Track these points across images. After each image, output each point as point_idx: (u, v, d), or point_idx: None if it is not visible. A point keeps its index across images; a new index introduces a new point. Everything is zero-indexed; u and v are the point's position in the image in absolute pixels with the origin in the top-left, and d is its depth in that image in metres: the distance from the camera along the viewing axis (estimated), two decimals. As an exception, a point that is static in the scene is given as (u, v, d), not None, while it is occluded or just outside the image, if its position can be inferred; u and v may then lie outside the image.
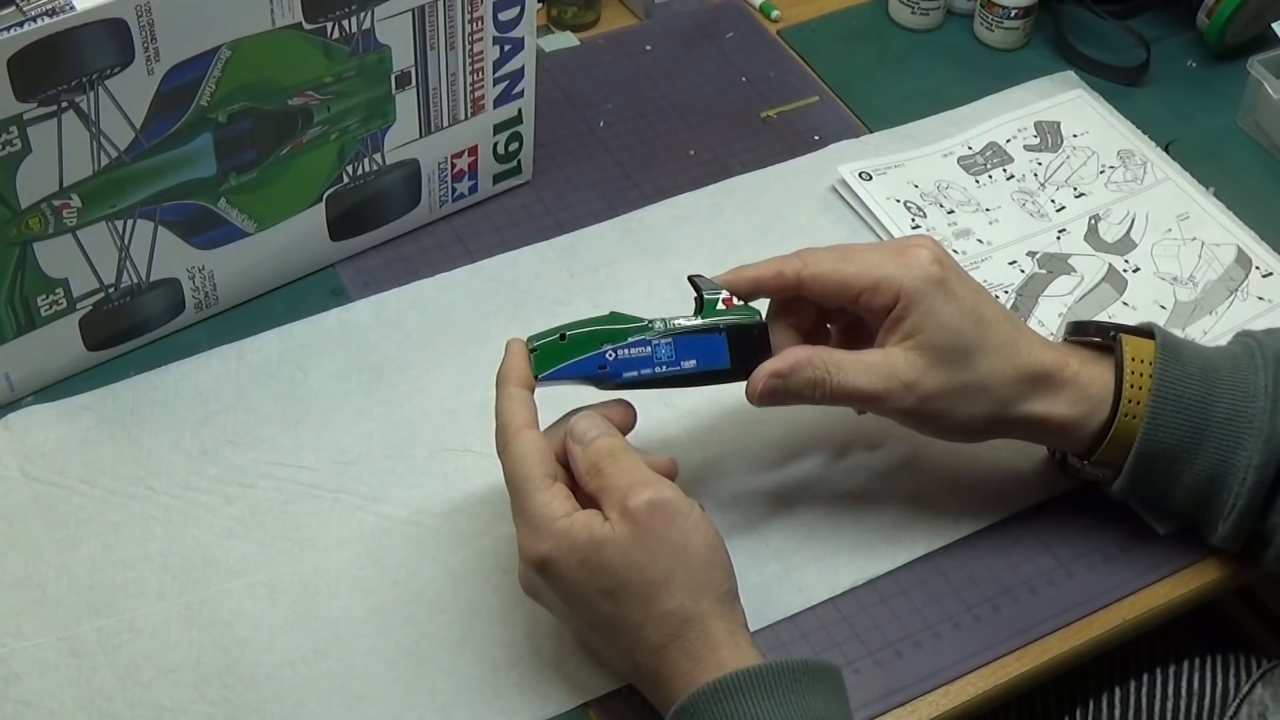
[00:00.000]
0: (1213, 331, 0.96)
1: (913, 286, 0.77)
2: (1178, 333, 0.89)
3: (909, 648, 0.80)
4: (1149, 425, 0.79)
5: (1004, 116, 1.11)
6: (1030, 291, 0.98)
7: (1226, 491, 0.80)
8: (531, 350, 0.77)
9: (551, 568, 0.71)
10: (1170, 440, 0.79)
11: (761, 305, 0.81)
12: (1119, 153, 1.09)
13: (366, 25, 0.88)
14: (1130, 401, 0.79)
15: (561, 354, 0.77)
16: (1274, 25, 1.10)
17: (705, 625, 0.71)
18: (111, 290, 0.89)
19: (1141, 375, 0.79)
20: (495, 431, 0.75)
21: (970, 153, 1.08)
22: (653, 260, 1.00)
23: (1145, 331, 0.81)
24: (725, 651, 0.71)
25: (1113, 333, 0.81)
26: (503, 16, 0.95)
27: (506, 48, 0.96)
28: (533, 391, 0.75)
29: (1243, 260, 1.01)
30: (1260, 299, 0.99)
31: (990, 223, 1.03)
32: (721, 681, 0.69)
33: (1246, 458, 0.79)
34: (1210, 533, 0.82)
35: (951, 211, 1.03)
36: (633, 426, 0.77)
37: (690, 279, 0.80)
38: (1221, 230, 1.03)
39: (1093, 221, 1.04)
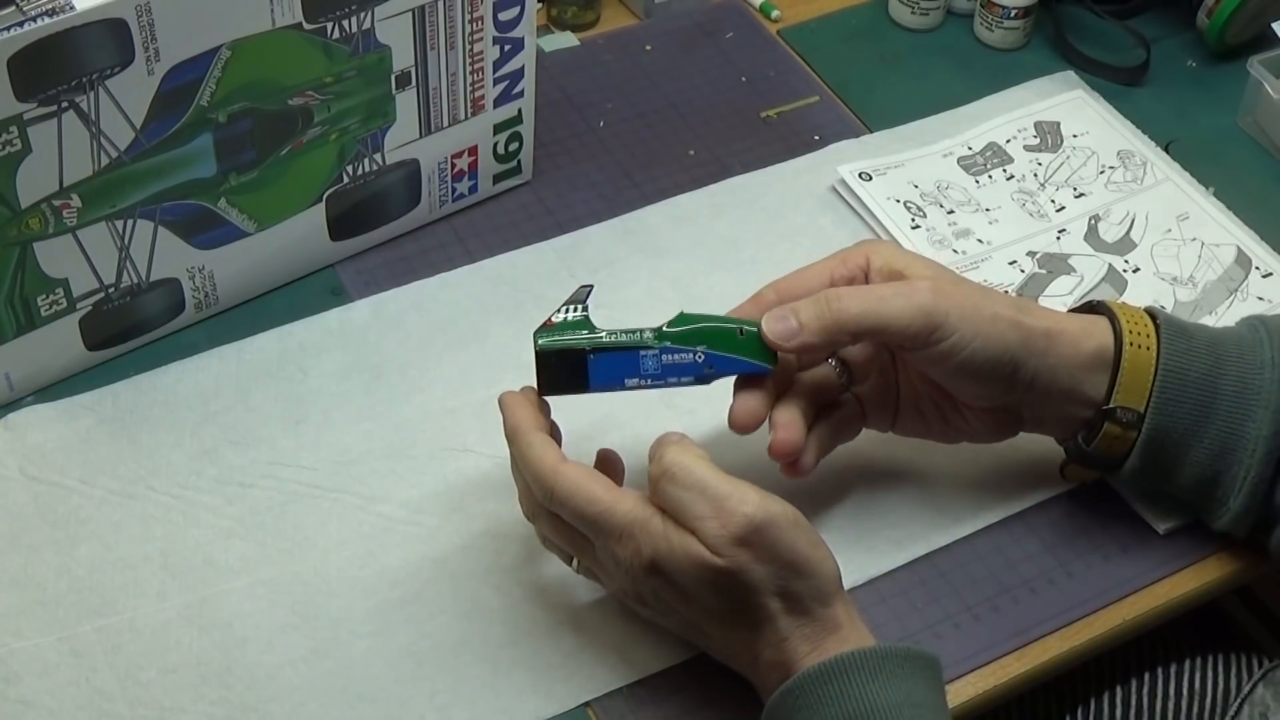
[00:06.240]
0: (1213, 331, 0.97)
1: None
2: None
3: (909, 648, 0.81)
4: (1158, 401, 0.79)
5: (1004, 116, 1.11)
6: (1030, 291, 0.98)
7: (1237, 465, 0.80)
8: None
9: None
10: (1180, 414, 0.79)
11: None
12: (1119, 153, 1.09)
13: (366, 25, 0.88)
14: (1132, 332, 0.80)
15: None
16: (1274, 25, 1.10)
17: (842, 603, 0.74)
18: (111, 290, 0.89)
19: (1137, 320, 0.81)
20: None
21: (970, 153, 1.08)
22: (653, 260, 1.00)
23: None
24: (848, 629, 0.73)
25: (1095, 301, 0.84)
26: (503, 16, 0.95)
27: (506, 48, 0.96)
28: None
29: (1242, 260, 1.01)
30: (1260, 299, 0.99)
31: (990, 223, 1.03)
32: (836, 660, 0.71)
33: (1256, 429, 0.79)
34: (1218, 515, 0.82)
35: (951, 212, 1.03)
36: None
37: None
38: (1221, 230, 1.03)
39: (1093, 222, 1.04)
